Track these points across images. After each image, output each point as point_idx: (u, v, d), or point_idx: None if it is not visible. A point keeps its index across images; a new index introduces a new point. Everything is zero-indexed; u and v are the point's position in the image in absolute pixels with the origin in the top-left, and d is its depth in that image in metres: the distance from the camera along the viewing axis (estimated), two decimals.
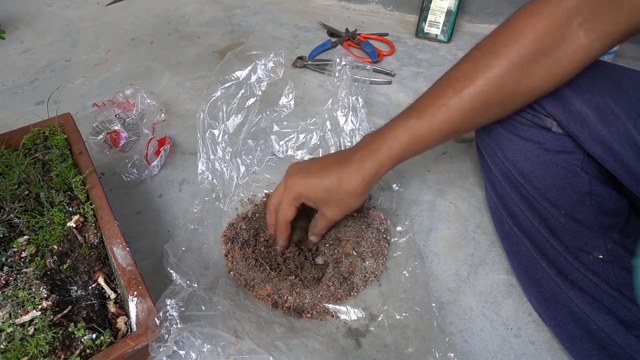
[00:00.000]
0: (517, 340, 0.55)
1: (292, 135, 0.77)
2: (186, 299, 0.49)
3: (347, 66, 0.76)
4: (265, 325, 0.53)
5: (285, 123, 0.77)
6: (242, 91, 0.69)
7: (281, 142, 0.77)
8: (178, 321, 0.46)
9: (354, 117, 0.75)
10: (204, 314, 0.50)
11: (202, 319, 0.48)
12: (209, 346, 0.48)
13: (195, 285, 0.52)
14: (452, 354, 0.50)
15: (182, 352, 0.48)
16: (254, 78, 0.69)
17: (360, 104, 0.75)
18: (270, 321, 0.54)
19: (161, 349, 0.43)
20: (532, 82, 0.47)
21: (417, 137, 0.50)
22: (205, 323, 0.48)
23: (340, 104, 0.75)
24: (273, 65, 0.69)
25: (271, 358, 0.47)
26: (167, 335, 0.44)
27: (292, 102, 0.74)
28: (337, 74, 0.76)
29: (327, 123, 0.75)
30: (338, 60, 0.76)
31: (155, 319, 0.44)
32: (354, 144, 0.74)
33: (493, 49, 0.47)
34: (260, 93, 0.69)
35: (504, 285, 0.61)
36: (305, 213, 0.60)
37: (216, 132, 0.70)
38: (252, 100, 0.70)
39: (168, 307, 0.46)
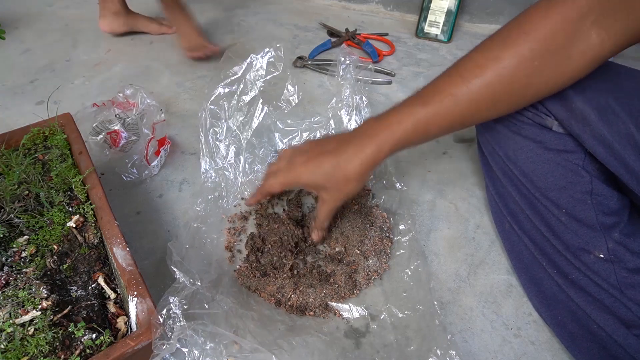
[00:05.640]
0: (517, 340, 0.55)
1: (296, 134, 0.77)
2: (189, 297, 0.49)
3: (351, 65, 0.76)
4: (268, 323, 0.53)
5: (289, 121, 0.77)
6: (243, 88, 0.69)
7: (285, 140, 0.77)
8: (181, 319, 0.46)
9: (358, 117, 0.75)
10: (207, 312, 0.49)
11: (205, 317, 0.48)
12: (211, 344, 0.48)
13: (199, 284, 0.52)
14: (453, 352, 0.50)
15: (185, 350, 0.48)
16: (253, 74, 0.69)
17: (364, 104, 0.75)
18: (273, 319, 0.54)
19: (164, 347, 0.43)
20: (541, 77, 0.46)
21: (421, 124, 0.49)
22: (208, 321, 0.48)
23: (345, 102, 0.75)
24: (272, 59, 0.69)
25: (273, 357, 0.47)
26: (170, 333, 0.44)
27: (295, 96, 0.74)
28: (341, 73, 0.76)
29: (331, 122, 0.75)
30: (343, 59, 0.76)
31: (159, 316, 0.44)
32: None
33: (506, 40, 0.46)
34: (261, 89, 0.69)
35: (504, 285, 0.61)
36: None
37: (219, 130, 0.70)
38: (253, 97, 0.70)
39: (172, 304, 0.46)
